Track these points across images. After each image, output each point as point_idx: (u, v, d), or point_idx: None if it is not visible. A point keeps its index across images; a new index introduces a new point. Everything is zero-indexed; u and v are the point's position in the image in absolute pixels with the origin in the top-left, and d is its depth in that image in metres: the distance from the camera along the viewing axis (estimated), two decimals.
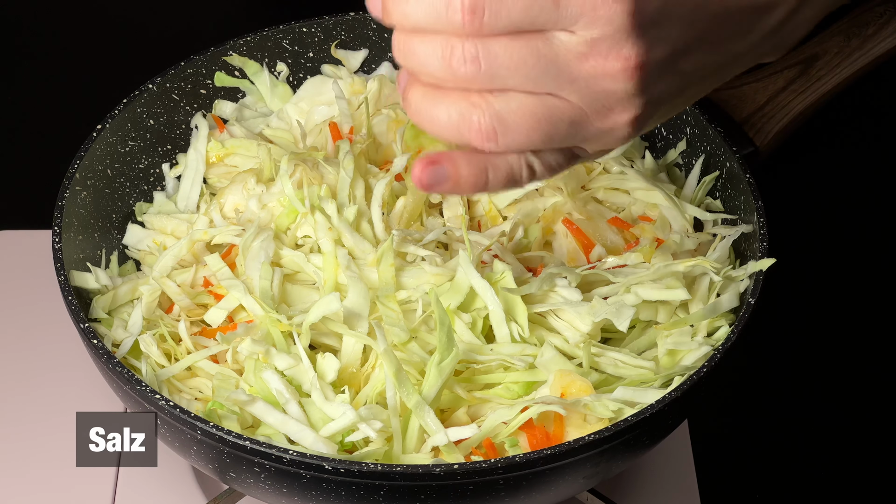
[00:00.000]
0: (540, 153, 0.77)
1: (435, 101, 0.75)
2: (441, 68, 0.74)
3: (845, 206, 1.42)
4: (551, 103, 0.74)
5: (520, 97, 0.74)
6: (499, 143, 0.75)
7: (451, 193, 0.78)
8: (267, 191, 1.11)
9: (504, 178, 0.77)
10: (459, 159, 0.77)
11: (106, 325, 1.04)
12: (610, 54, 0.73)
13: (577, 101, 0.74)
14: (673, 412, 0.94)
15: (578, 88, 0.74)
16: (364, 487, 0.89)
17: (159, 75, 1.17)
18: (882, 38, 1.17)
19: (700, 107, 1.15)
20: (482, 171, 0.77)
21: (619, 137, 0.77)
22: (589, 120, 0.75)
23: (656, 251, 1.07)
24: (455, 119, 0.75)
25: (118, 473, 1.14)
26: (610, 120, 0.75)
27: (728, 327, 1.02)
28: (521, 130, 0.75)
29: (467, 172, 0.77)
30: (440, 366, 0.95)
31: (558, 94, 0.74)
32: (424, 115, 0.76)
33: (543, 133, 0.75)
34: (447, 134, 0.76)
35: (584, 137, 0.76)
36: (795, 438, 1.21)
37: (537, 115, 0.74)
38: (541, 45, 0.73)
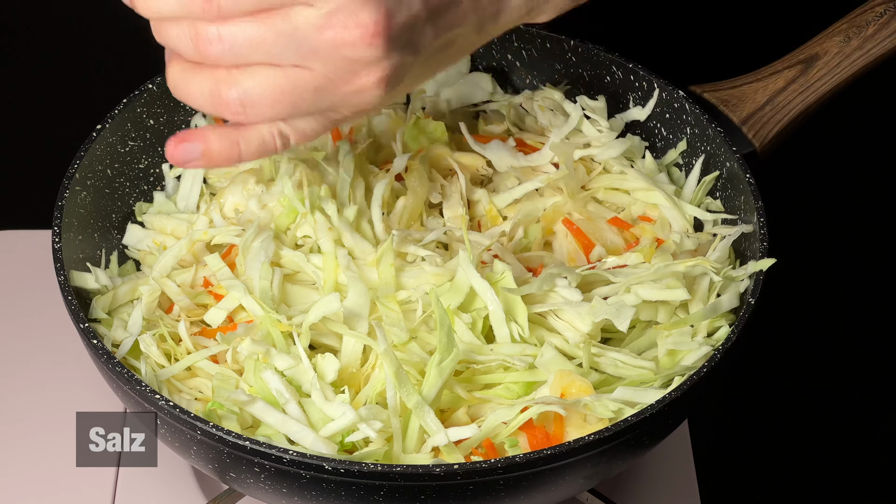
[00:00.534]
0: (291, 121, 0.82)
1: (190, 77, 0.81)
2: (190, 49, 0.79)
3: (845, 206, 1.42)
4: (295, 74, 0.79)
5: (264, 70, 0.79)
6: (248, 115, 0.80)
7: (206, 167, 0.86)
8: (267, 191, 1.11)
9: (256, 148, 0.83)
10: (210, 134, 0.82)
11: (106, 326, 1.04)
12: (348, 23, 0.77)
13: (321, 70, 0.79)
14: (673, 412, 0.94)
15: (321, 58, 0.78)
16: (364, 487, 0.89)
17: (159, 75, 1.17)
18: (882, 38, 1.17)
19: (700, 107, 1.15)
20: (234, 143, 0.82)
21: (370, 100, 0.81)
22: (335, 86, 0.80)
23: (656, 251, 1.07)
24: (206, 94, 0.80)
25: (118, 473, 1.14)
26: (356, 84, 0.80)
27: (728, 327, 1.02)
28: (266, 102, 0.79)
29: (219, 146, 0.82)
30: (440, 366, 0.95)
31: (302, 65, 0.79)
32: (181, 91, 0.81)
33: (288, 103, 0.80)
34: (201, 107, 0.81)
35: (333, 103, 0.81)
36: (795, 438, 1.21)
37: (281, 86, 0.79)
38: (279, 22, 0.77)
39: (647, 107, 1.19)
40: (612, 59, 1.20)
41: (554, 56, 1.23)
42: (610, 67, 1.20)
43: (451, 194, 1.13)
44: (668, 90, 1.17)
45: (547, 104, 1.20)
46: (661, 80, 1.18)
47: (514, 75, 1.26)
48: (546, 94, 1.21)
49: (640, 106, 1.20)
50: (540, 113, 1.20)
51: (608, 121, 1.18)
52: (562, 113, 1.19)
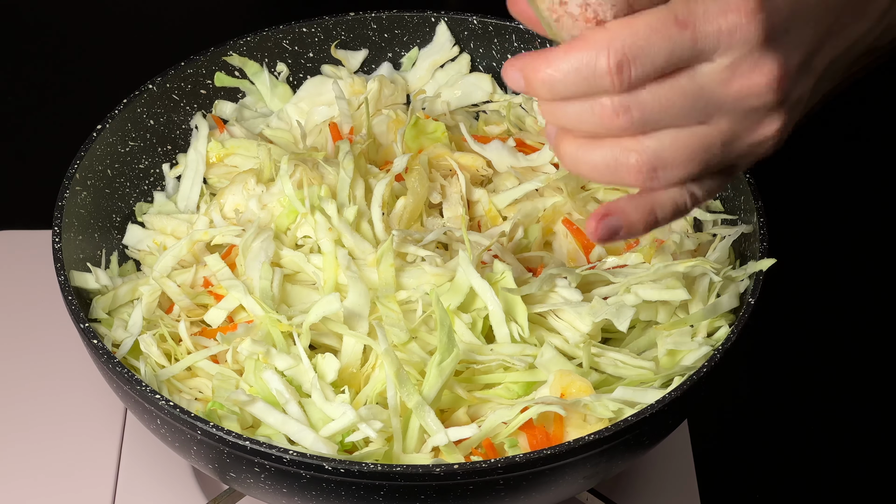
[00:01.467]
0: (699, 179, 0.79)
1: (589, 150, 0.77)
2: (594, 124, 0.76)
3: (845, 206, 1.42)
4: (703, 132, 0.77)
5: (672, 132, 0.76)
6: (659, 180, 0.77)
7: (625, 239, 0.81)
8: (267, 191, 1.11)
9: (671, 212, 0.79)
10: (627, 206, 0.79)
11: (106, 326, 1.04)
12: (753, 73, 0.75)
13: (727, 125, 0.77)
14: (673, 412, 0.94)
15: (727, 112, 0.76)
16: (364, 487, 0.89)
17: (159, 75, 1.17)
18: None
19: None
20: (650, 211, 0.79)
21: (769, 147, 0.79)
22: (740, 139, 0.78)
23: (656, 252, 1.07)
24: (612, 164, 0.77)
25: (118, 473, 1.14)
26: (759, 134, 0.78)
27: (728, 327, 1.02)
28: (678, 163, 0.77)
29: (636, 217, 0.79)
30: (441, 366, 0.95)
31: (708, 122, 0.76)
32: (582, 165, 0.78)
33: (699, 161, 0.77)
34: (602, 179, 0.78)
35: (738, 155, 0.79)
36: (795, 438, 1.21)
37: (691, 146, 0.77)
38: (685, 83, 0.75)
39: None
40: None
41: None
42: None
43: (451, 194, 1.13)
44: None
45: None
46: None
47: None
48: None
49: None
50: (540, 113, 1.20)
51: None
52: None
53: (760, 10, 0.74)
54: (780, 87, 0.76)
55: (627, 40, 0.74)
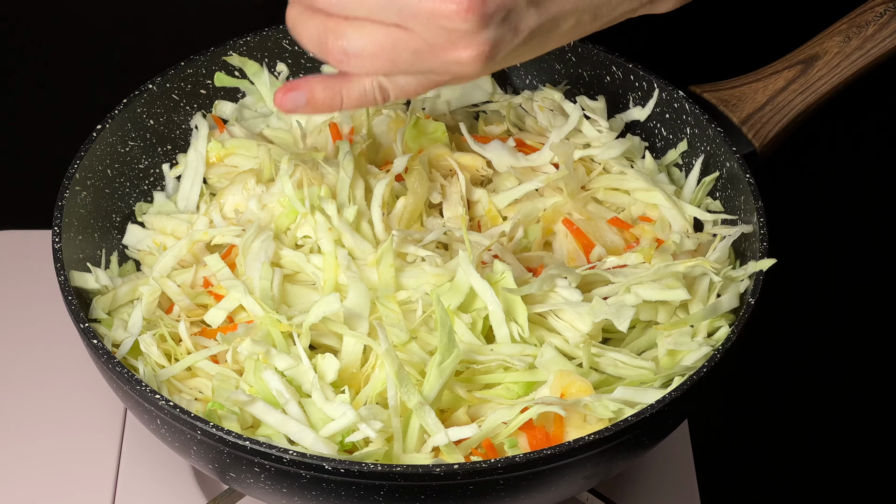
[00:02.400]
0: (392, 77, 0.86)
1: (305, 19, 0.86)
2: None
3: (845, 206, 1.42)
4: (396, 34, 0.83)
5: (368, 26, 0.83)
6: (350, 65, 0.85)
7: (310, 113, 0.90)
8: (267, 191, 1.11)
9: (357, 98, 0.87)
10: (316, 84, 0.88)
11: (106, 326, 1.04)
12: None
13: (421, 34, 0.83)
14: (673, 412, 0.94)
15: (420, 23, 0.82)
16: (364, 487, 0.89)
17: (159, 75, 1.17)
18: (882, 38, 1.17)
19: (700, 107, 1.15)
20: (336, 92, 0.87)
21: (468, 70, 0.85)
22: (434, 51, 0.84)
23: (656, 252, 1.07)
24: (315, 39, 0.85)
25: (118, 473, 1.14)
26: (454, 54, 0.84)
27: (728, 327, 1.02)
28: (367, 55, 0.84)
29: (323, 95, 0.88)
30: (441, 366, 0.95)
31: (403, 26, 0.83)
32: (295, 31, 0.86)
33: (387, 59, 0.84)
34: (310, 48, 0.86)
35: (432, 67, 0.85)
36: (795, 438, 1.21)
37: (381, 42, 0.83)
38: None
39: (646, 107, 1.19)
40: (612, 59, 1.20)
41: (554, 56, 1.23)
42: (610, 67, 1.20)
43: (451, 194, 1.13)
44: (668, 90, 1.17)
45: (546, 104, 1.20)
46: (661, 80, 1.18)
47: (513, 75, 1.26)
48: (546, 95, 1.21)
49: (639, 106, 1.20)
50: (539, 113, 1.20)
51: (608, 121, 1.18)
52: (561, 113, 1.19)
53: None
54: (469, 18, 0.81)
55: None
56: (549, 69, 1.24)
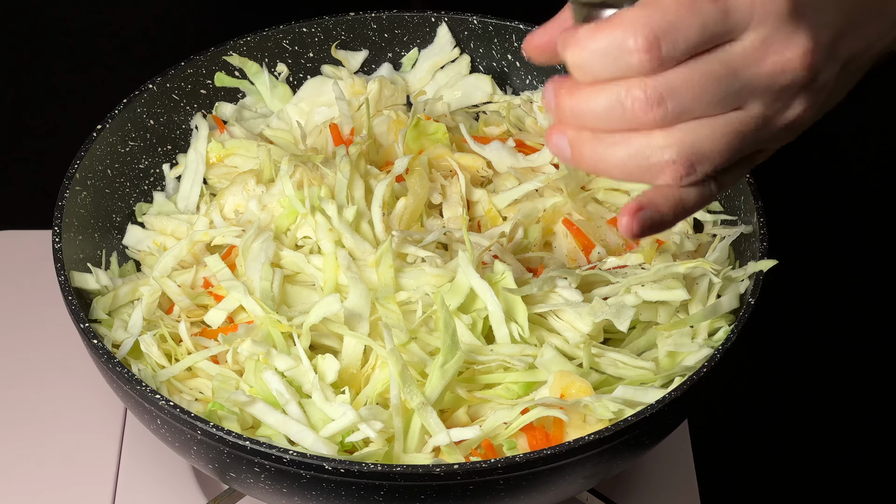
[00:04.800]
0: None
1: (616, 147, 0.72)
2: (623, 119, 0.71)
3: (845, 207, 1.42)
4: (738, 118, 0.73)
5: (707, 122, 0.72)
6: (698, 175, 0.73)
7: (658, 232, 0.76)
8: (267, 191, 1.11)
9: (698, 200, 0.75)
10: (656, 198, 0.74)
11: (106, 326, 1.04)
12: (786, 48, 0.72)
13: (760, 108, 0.73)
14: (673, 412, 0.94)
15: (760, 94, 0.73)
16: (364, 487, 0.89)
17: (159, 75, 1.17)
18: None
19: None
20: (678, 200, 0.74)
21: (794, 131, 0.76)
22: (772, 122, 0.74)
23: (656, 252, 1.07)
24: (643, 162, 0.72)
25: (118, 473, 1.14)
26: (789, 115, 0.75)
27: (728, 328, 1.02)
28: (717, 154, 0.73)
29: (667, 208, 0.74)
30: (444, 367, 0.95)
31: (742, 107, 0.73)
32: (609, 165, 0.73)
33: (736, 150, 0.73)
34: (636, 178, 0.73)
35: (768, 139, 0.75)
36: (796, 438, 1.21)
37: (728, 135, 0.72)
38: (717, 66, 0.71)
39: None
40: None
41: None
42: None
43: (451, 195, 1.13)
44: None
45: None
46: None
47: (513, 76, 1.26)
48: None
49: None
50: (539, 114, 1.20)
51: None
52: None
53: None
54: (812, 63, 0.73)
55: (656, 16, 0.70)
56: (548, 69, 1.24)
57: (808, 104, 0.75)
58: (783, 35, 0.72)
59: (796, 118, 0.75)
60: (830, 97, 0.78)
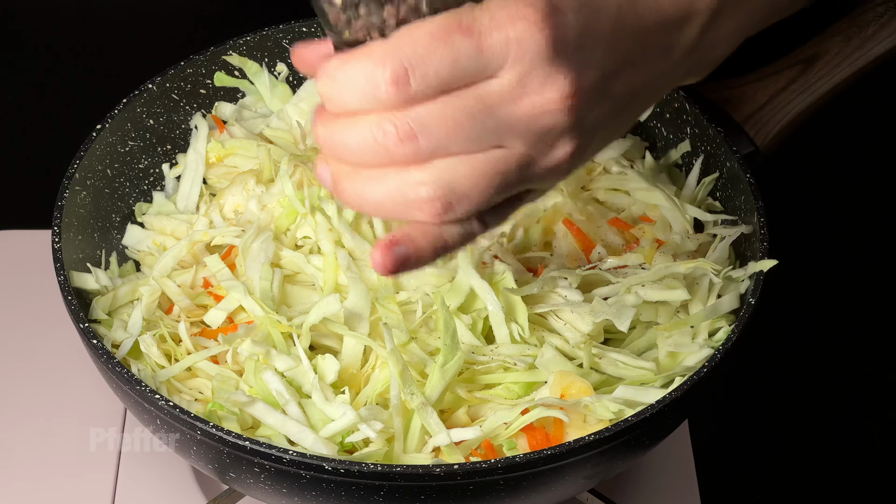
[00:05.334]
0: None
1: (374, 184, 0.71)
2: (376, 154, 0.70)
3: (845, 206, 1.42)
4: (497, 156, 0.71)
5: (465, 160, 0.70)
6: (456, 213, 0.72)
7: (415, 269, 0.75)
8: (267, 191, 1.11)
9: (460, 239, 0.74)
10: (414, 233, 0.73)
11: (106, 326, 1.04)
12: (544, 88, 0.70)
13: (522, 148, 0.71)
14: (673, 412, 0.94)
15: (520, 133, 0.71)
16: (364, 488, 0.89)
17: (159, 75, 1.17)
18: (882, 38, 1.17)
19: (700, 107, 1.15)
20: (438, 237, 0.73)
21: (562, 173, 0.74)
22: (535, 163, 0.72)
23: (657, 252, 1.07)
24: (400, 199, 0.71)
25: (118, 473, 1.14)
26: (553, 157, 0.73)
27: (728, 328, 1.02)
28: (475, 193, 0.71)
29: (425, 244, 0.73)
30: (444, 368, 0.95)
31: (502, 145, 0.71)
32: (368, 203, 0.72)
33: (496, 188, 0.72)
34: (395, 216, 0.72)
35: (531, 180, 0.74)
36: (795, 438, 1.21)
37: (487, 173, 0.71)
38: (472, 103, 0.69)
39: None
40: None
41: None
42: None
43: None
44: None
45: None
46: None
47: None
48: None
49: None
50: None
51: None
52: None
53: (550, 18, 0.69)
54: (573, 106, 0.70)
55: (406, 49, 0.68)
56: None
57: (573, 146, 0.72)
58: (542, 75, 0.70)
59: (561, 160, 0.73)
60: (607, 134, 0.76)
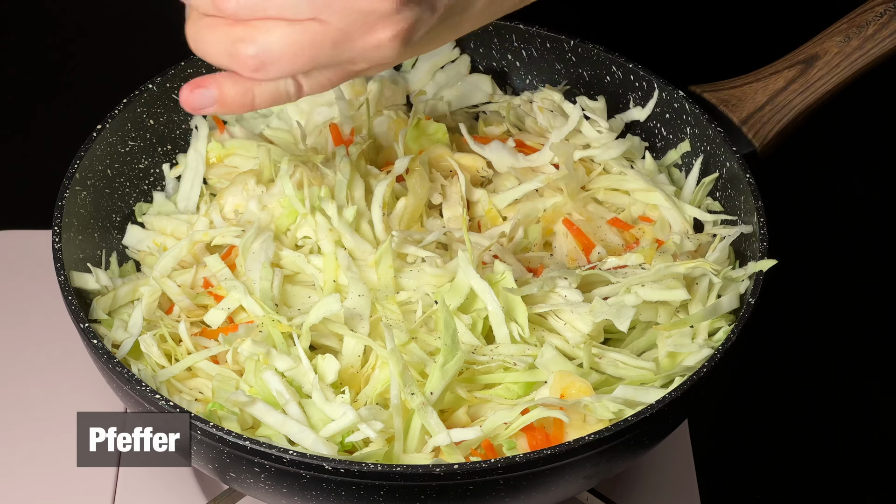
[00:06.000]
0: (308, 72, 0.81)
1: (207, 33, 0.79)
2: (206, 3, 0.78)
3: (845, 207, 1.42)
4: (313, 28, 0.78)
5: (282, 26, 0.78)
6: (267, 73, 0.79)
7: (219, 114, 0.84)
8: (267, 192, 1.11)
9: (270, 96, 0.81)
10: (225, 81, 0.81)
11: (106, 326, 1.04)
12: None
13: (338, 23, 0.78)
14: (673, 412, 0.94)
15: (336, 10, 0.77)
16: (364, 487, 0.89)
17: (159, 75, 1.17)
18: (882, 38, 1.17)
19: (700, 107, 1.15)
20: (248, 90, 0.81)
21: (387, 54, 0.80)
22: (352, 39, 0.79)
23: (656, 252, 1.07)
24: (223, 52, 0.79)
25: (118, 473, 1.14)
26: (373, 38, 0.79)
27: (728, 327, 1.02)
28: (286, 59, 0.78)
29: (233, 92, 0.81)
30: (444, 368, 0.95)
31: (318, 18, 0.77)
32: (199, 47, 0.80)
33: (308, 58, 0.78)
34: (219, 63, 0.79)
35: (351, 57, 0.80)
36: (795, 439, 1.21)
37: (300, 41, 0.78)
38: None
39: (647, 107, 1.19)
40: (612, 59, 1.20)
41: (554, 56, 1.23)
42: (610, 67, 1.20)
43: (451, 195, 1.13)
44: (668, 90, 1.17)
45: (546, 105, 1.20)
46: (661, 80, 1.18)
47: (513, 76, 1.26)
48: (545, 95, 1.21)
49: (640, 106, 1.20)
50: (539, 114, 1.20)
51: (608, 121, 1.18)
52: (561, 114, 1.19)
53: None
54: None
55: None
56: (548, 69, 1.24)
57: (394, 30, 0.78)
58: None
59: (380, 42, 0.79)
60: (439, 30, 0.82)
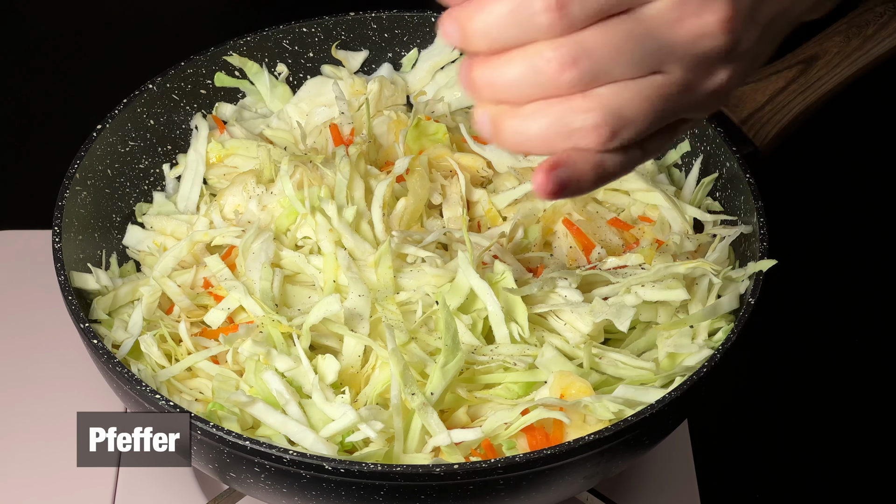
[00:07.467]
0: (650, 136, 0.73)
1: (535, 118, 0.69)
2: (538, 84, 0.68)
3: (845, 206, 1.42)
4: (660, 82, 0.70)
5: (629, 86, 0.69)
6: (622, 139, 0.70)
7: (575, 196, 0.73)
8: (267, 192, 1.11)
9: (621, 167, 0.72)
10: (576, 158, 0.70)
11: (106, 326, 1.04)
12: (703, 11, 0.69)
13: (682, 72, 0.70)
14: (673, 412, 0.94)
15: (680, 57, 0.70)
16: (364, 487, 0.89)
17: (159, 75, 1.17)
18: (882, 38, 1.17)
19: None
20: (599, 163, 0.71)
21: (721, 97, 0.73)
22: (696, 87, 0.71)
23: (656, 252, 1.07)
24: (564, 130, 0.69)
25: (118, 473, 1.14)
26: (714, 81, 0.72)
27: (728, 327, 1.02)
28: (640, 118, 0.70)
29: (586, 169, 0.71)
30: (445, 368, 0.95)
31: (662, 70, 0.70)
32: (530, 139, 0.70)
33: (660, 113, 0.70)
34: (558, 146, 0.70)
35: (692, 105, 0.72)
36: (795, 438, 1.21)
37: (651, 97, 0.70)
38: (632, 25, 0.68)
39: None
40: None
41: None
42: None
43: (451, 195, 1.13)
44: None
45: None
46: None
47: None
48: None
49: None
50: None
51: None
52: None
53: None
54: (731, 29, 0.70)
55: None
56: None
57: (731, 71, 0.72)
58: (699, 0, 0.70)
59: (720, 85, 0.72)
60: (752, 63, 0.75)
